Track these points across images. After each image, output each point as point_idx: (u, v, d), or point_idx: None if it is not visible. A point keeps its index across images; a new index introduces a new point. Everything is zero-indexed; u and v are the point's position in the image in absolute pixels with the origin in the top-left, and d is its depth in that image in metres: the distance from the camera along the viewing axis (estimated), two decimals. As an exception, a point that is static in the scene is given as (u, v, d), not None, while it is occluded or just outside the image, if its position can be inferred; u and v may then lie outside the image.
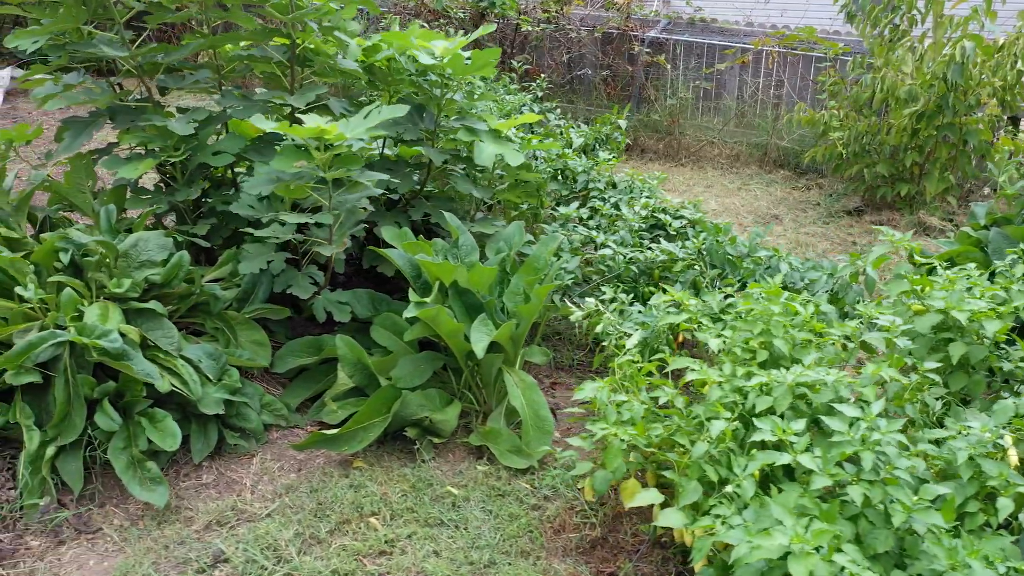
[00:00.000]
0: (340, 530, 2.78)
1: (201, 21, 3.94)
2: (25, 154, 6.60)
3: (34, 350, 2.74)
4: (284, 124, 2.92)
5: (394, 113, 3.15)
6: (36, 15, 3.51)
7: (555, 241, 3.57)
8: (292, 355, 3.47)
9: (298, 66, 3.75)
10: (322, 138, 3.04)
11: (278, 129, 2.92)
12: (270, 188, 3.07)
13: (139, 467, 2.81)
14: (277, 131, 2.97)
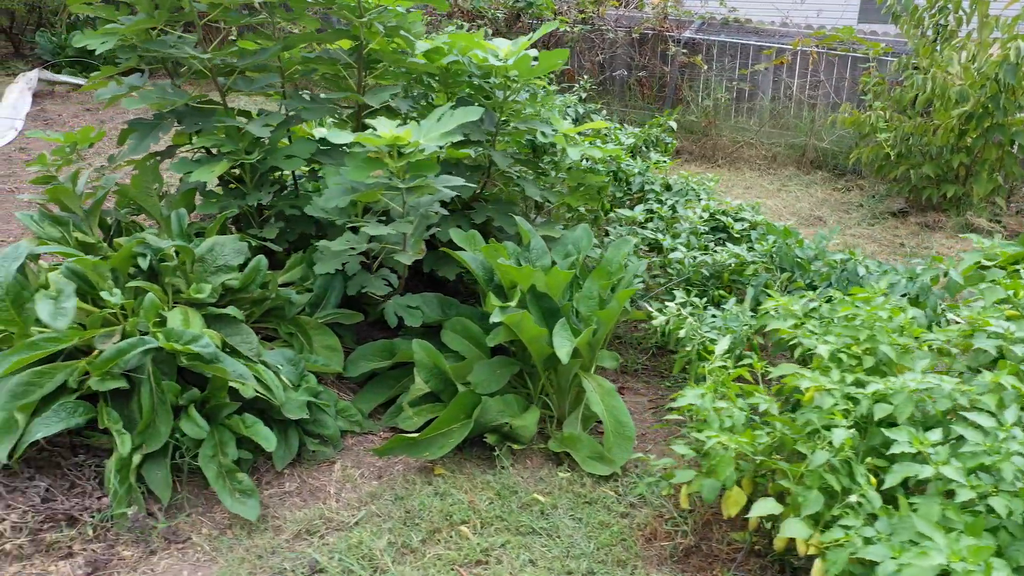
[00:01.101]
0: (432, 539, 2.75)
1: (264, 24, 3.90)
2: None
3: (123, 356, 2.71)
4: (361, 135, 2.87)
5: (468, 116, 3.11)
6: (107, 15, 3.47)
7: (627, 245, 3.53)
8: (364, 360, 3.43)
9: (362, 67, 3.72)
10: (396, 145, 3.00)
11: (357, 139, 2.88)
12: (347, 199, 3.02)
13: (230, 478, 2.77)
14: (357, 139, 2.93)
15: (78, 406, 2.75)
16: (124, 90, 3.67)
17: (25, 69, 9.67)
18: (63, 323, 2.60)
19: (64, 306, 2.64)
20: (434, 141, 2.97)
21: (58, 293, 2.70)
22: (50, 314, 2.62)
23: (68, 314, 2.62)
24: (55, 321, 2.60)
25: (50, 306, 2.64)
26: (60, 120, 7.74)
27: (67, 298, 2.66)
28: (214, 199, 3.45)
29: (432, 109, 3.95)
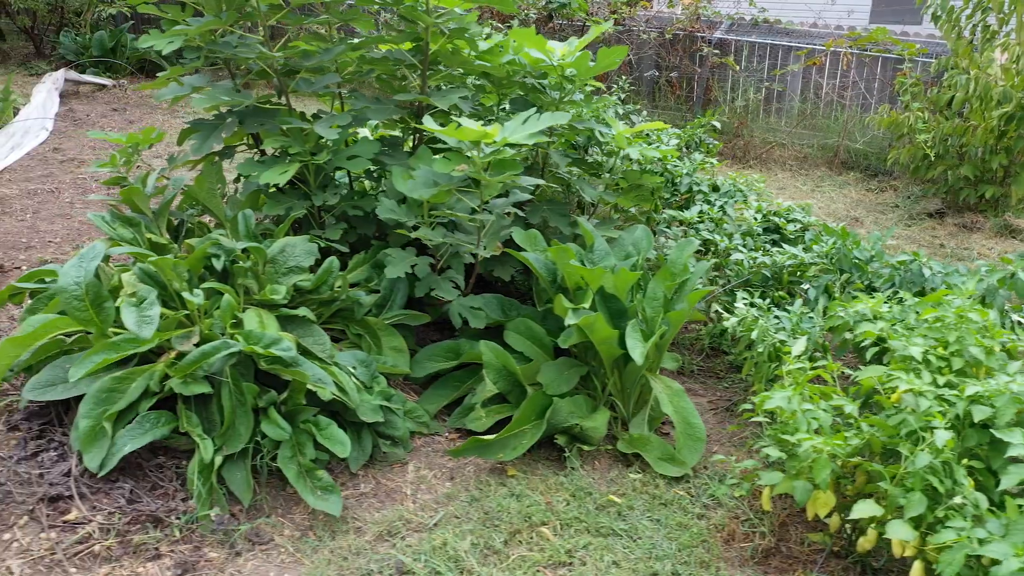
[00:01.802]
0: (513, 540, 2.75)
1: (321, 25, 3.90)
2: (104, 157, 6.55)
3: (207, 359, 2.71)
4: (452, 127, 2.88)
5: (556, 120, 3.11)
6: (173, 16, 3.47)
7: (691, 246, 3.53)
8: (429, 360, 3.43)
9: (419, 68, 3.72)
10: (481, 142, 3.01)
11: (444, 132, 2.88)
12: (430, 192, 3.03)
13: (310, 476, 2.77)
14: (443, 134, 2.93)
15: (160, 416, 2.76)
16: (186, 91, 3.67)
17: (47, 69, 9.67)
18: (148, 331, 2.60)
19: (149, 314, 2.64)
20: (522, 140, 2.97)
21: (140, 300, 2.70)
22: (136, 322, 2.62)
23: (153, 322, 2.62)
24: (141, 329, 2.60)
25: (135, 314, 2.64)
26: (89, 120, 7.75)
27: (151, 305, 2.66)
28: (279, 200, 3.44)
29: (488, 111, 3.96)
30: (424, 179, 3.09)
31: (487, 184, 3.05)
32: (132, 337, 2.71)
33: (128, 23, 9.91)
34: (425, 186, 3.07)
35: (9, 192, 5.52)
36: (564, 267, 3.32)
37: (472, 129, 2.95)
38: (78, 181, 5.85)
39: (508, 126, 3.16)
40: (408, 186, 3.06)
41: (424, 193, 3.03)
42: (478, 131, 2.95)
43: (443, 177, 3.08)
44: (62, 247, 4.64)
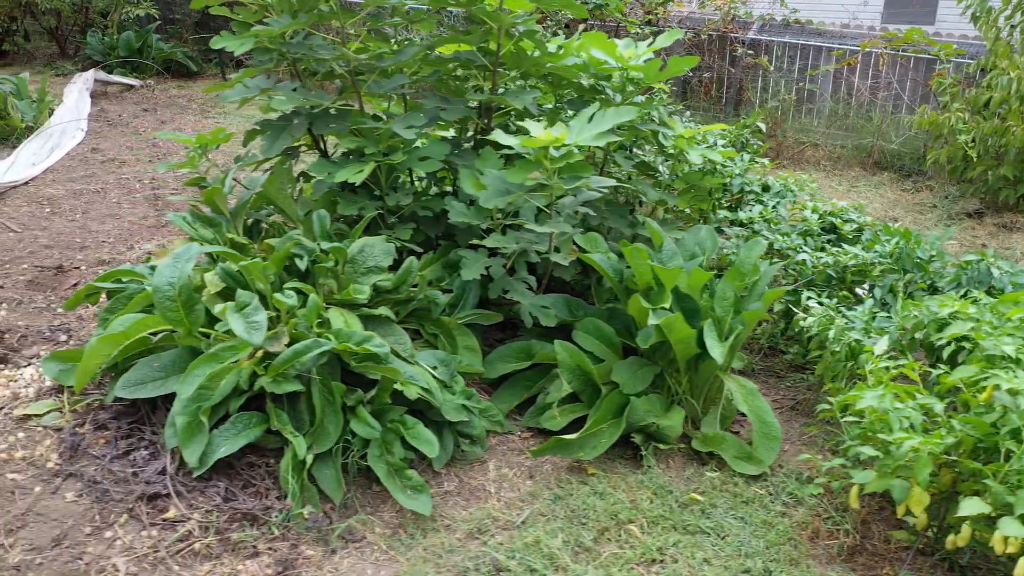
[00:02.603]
0: (603, 538, 2.77)
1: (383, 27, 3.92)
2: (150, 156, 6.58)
3: (300, 358, 2.73)
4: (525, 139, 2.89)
5: (620, 117, 3.13)
6: (246, 18, 3.49)
7: (759, 246, 3.55)
8: (502, 360, 3.45)
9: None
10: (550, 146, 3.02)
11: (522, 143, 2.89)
12: (503, 201, 3.05)
13: (399, 475, 2.79)
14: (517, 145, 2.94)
15: (252, 416, 2.78)
16: (252, 92, 3.69)
17: (73, 69, 9.71)
18: (258, 337, 2.62)
19: (256, 319, 2.66)
20: (590, 141, 2.99)
21: (243, 305, 2.72)
22: (244, 328, 2.64)
23: (261, 328, 2.64)
24: (250, 336, 2.62)
25: (242, 320, 2.67)
26: (122, 121, 7.77)
27: (256, 311, 2.68)
28: (352, 200, 3.46)
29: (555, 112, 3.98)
30: (496, 188, 3.10)
31: (558, 189, 3.06)
32: (231, 345, 2.73)
33: (154, 24, 9.93)
34: (498, 195, 3.08)
35: (56, 192, 5.54)
36: (637, 267, 3.34)
37: (542, 137, 2.97)
38: (122, 181, 5.87)
39: (574, 126, 3.18)
40: (482, 197, 3.07)
41: (498, 202, 3.05)
42: (548, 138, 2.97)
43: (515, 186, 3.10)
44: (116, 247, 4.67)
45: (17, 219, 5.02)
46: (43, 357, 3.18)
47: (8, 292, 4.02)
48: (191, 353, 2.94)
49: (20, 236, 4.74)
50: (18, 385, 3.23)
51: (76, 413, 3.06)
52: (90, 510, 2.60)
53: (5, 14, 9.63)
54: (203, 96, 9.03)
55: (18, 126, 6.60)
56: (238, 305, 2.72)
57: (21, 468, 2.77)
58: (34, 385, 3.23)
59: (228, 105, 8.63)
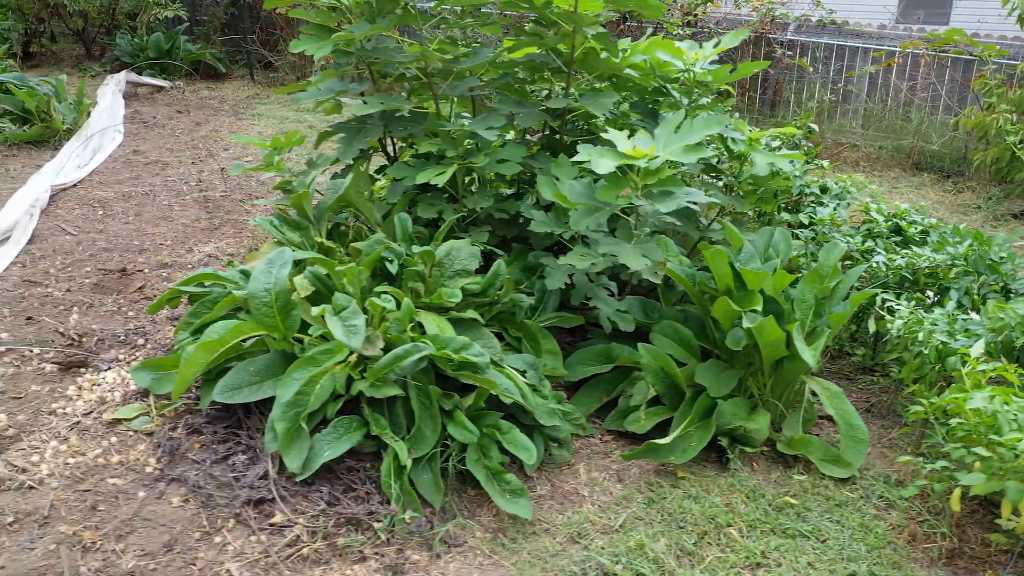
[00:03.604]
0: (703, 542, 2.76)
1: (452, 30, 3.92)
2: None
3: (399, 363, 2.72)
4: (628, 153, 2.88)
5: (709, 127, 3.12)
6: (322, 21, 3.48)
7: (838, 249, 3.54)
8: (582, 363, 3.45)
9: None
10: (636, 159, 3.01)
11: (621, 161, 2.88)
12: (595, 221, 3.04)
13: (497, 479, 2.79)
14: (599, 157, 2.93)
15: (352, 421, 2.78)
16: (326, 95, 3.69)
17: (100, 71, 9.70)
18: (357, 341, 2.62)
19: (355, 323, 2.66)
20: (680, 156, 2.98)
21: (340, 308, 2.71)
22: (344, 333, 2.64)
23: (360, 332, 2.64)
24: (350, 340, 2.62)
25: (340, 324, 2.66)
26: (158, 122, 7.76)
27: (355, 315, 2.68)
28: (431, 203, 3.46)
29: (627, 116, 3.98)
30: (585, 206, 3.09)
31: (650, 205, 3.05)
32: (327, 349, 2.73)
33: (183, 25, 9.93)
34: (587, 213, 3.07)
35: (105, 195, 5.54)
36: (718, 270, 3.34)
37: (631, 152, 2.96)
38: (168, 183, 5.87)
39: (660, 137, 3.17)
40: (573, 218, 3.05)
41: (589, 223, 3.03)
42: (637, 153, 2.96)
43: (604, 204, 3.08)
44: (174, 249, 4.66)
45: (72, 222, 5.01)
46: (132, 365, 3.18)
47: (76, 295, 4.02)
48: (284, 358, 2.94)
49: (78, 239, 4.74)
50: (103, 389, 3.23)
51: (165, 417, 3.05)
52: (197, 515, 2.60)
53: (33, 16, 9.62)
54: (234, 97, 9.03)
55: (59, 128, 6.59)
56: (335, 308, 2.72)
57: (120, 473, 2.77)
58: (119, 389, 3.23)
59: (261, 107, 8.62)
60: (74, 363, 3.37)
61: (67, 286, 4.12)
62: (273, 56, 9.75)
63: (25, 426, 2.98)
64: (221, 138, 7.29)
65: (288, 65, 9.48)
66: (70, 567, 2.37)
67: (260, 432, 2.89)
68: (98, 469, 2.78)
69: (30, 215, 4.88)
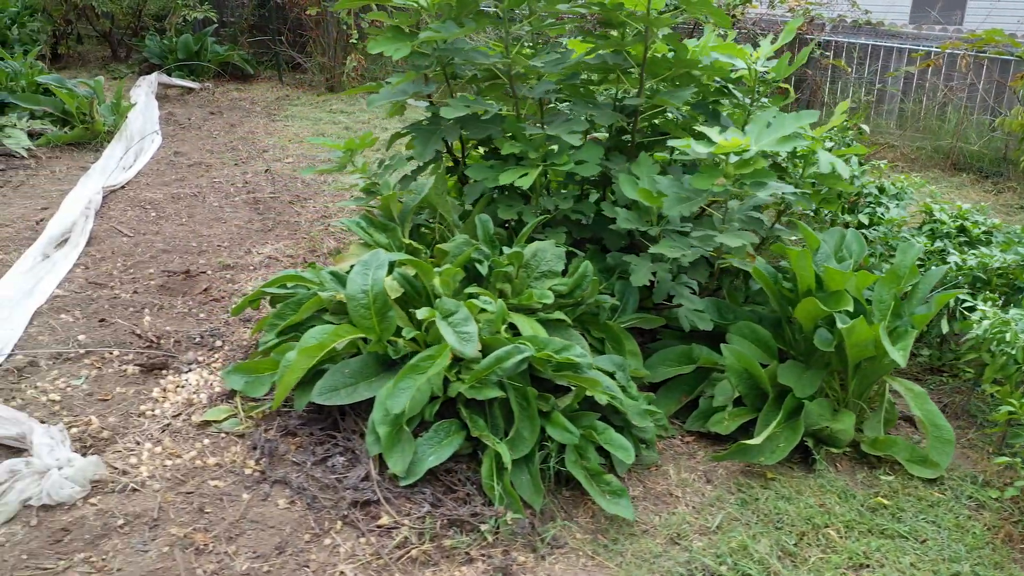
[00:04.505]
0: (803, 542, 2.76)
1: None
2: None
3: (501, 364, 2.73)
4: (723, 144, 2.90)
5: (801, 120, 3.13)
6: (400, 22, 3.49)
7: (915, 250, 3.54)
8: (663, 364, 3.45)
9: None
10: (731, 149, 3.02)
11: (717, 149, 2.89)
12: (688, 208, 3.05)
13: (598, 480, 2.79)
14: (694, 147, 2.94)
15: (451, 424, 2.79)
16: (399, 96, 3.68)
17: (127, 72, 9.71)
18: (471, 349, 2.62)
19: (467, 330, 2.67)
20: (774, 147, 2.99)
21: (448, 313, 2.72)
22: (456, 340, 2.65)
23: (474, 339, 2.64)
24: (464, 347, 2.63)
25: (452, 331, 2.66)
26: (192, 124, 7.77)
27: (466, 321, 2.68)
28: (511, 204, 3.46)
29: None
30: (676, 194, 3.10)
31: (736, 194, 3.06)
32: (429, 355, 2.73)
33: (212, 27, 9.93)
34: (679, 202, 3.08)
35: (155, 196, 5.54)
36: (800, 270, 3.34)
37: (726, 143, 2.98)
38: (215, 185, 5.87)
39: (751, 132, 3.18)
40: (666, 204, 3.07)
41: (682, 210, 3.04)
42: (733, 144, 2.97)
43: (697, 192, 3.10)
44: (233, 251, 4.66)
45: (127, 223, 5.02)
46: (225, 368, 3.18)
47: (144, 297, 4.02)
48: (376, 360, 2.94)
49: (135, 240, 4.74)
50: (187, 391, 3.24)
51: (253, 419, 3.06)
52: (304, 517, 2.60)
53: (61, 17, 9.63)
54: (264, 99, 9.03)
55: (101, 130, 6.60)
56: (443, 312, 2.72)
57: (220, 475, 2.77)
58: (203, 391, 3.24)
59: (292, 108, 8.63)
60: (156, 365, 3.37)
61: (133, 288, 4.12)
62: (302, 58, 9.75)
63: (118, 428, 2.99)
64: (258, 139, 7.30)
65: (317, 66, 9.48)
66: (186, 569, 2.37)
67: (356, 434, 2.89)
68: (197, 471, 2.78)
69: (86, 216, 4.88)
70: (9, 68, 7.09)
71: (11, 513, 2.51)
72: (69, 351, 3.46)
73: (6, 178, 5.69)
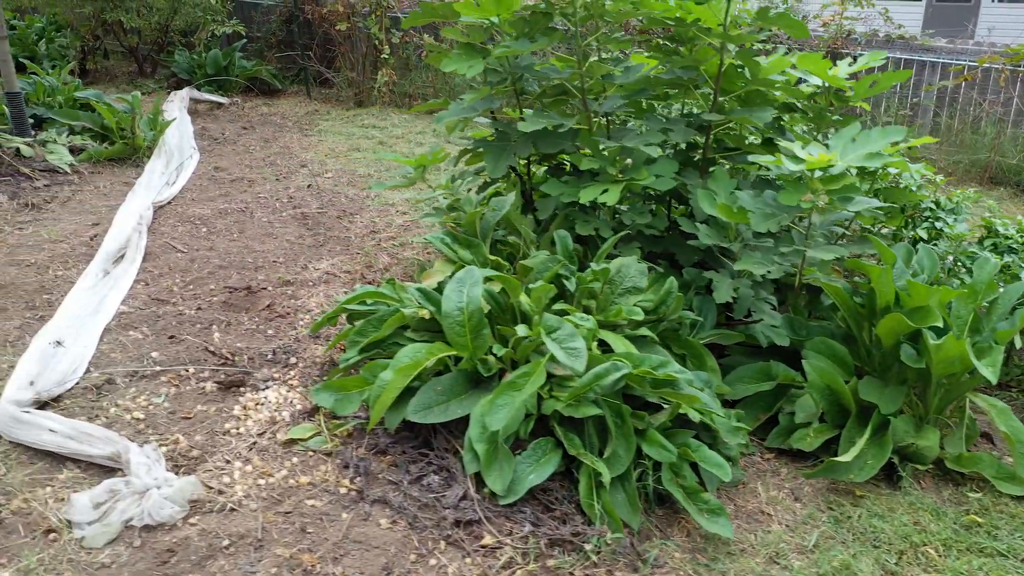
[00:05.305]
0: (904, 561, 2.74)
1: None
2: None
3: (599, 381, 2.71)
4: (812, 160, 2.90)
5: (888, 137, 3.13)
6: (473, 39, 3.49)
7: (991, 265, 3.54)
8: (741, 381, 3.43)
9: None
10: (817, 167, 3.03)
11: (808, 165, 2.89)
12: (775, 223, 3.04)
13: (695, 498, 2.77)
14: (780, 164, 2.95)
15: (547, 443, 2.77)
16: (470, 113, 3.69)
17: (155, 88, 9.74)
18: (581, 364, 2.61)
19: (575, 346, 2.65)
20: (862, 162, 2.99)
21: (552, 330, 2.70)
22: (566, 356, 2.64)
23: (582, 354, 2.63)
24: (573, 362, 2.61)
25: (559, 347, 2.65)
26: (227, 139, 7.78)
27: (572, 337, 2.67)
28: (587, 220, 3.45)
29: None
30: (762, 210, 3.10)
31: (825, 209, 3.06)
32: (524, 372, 2.72)
33: (241, 42, 9.97)
34: (766, 217, 3.08)
35: (203, 212, 5.54)
36: (880, 286, 3.33)
37: (814, 159, 2.98)
38: (260, 200, 5.87)
39: (835, 145, 3.19)
40: (753, 220, 3.06)
41: (770, 225, 3.04)
42: (821, 160, 2.97)
43: (784, 208, 3.09)
44: (289, 267, 4.65)
45: (179, 239, 5.01)
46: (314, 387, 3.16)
47: (208, 313, 4.01)
48: (466, 378, 2.93)
49: (190, 256, 4.74)
50: (268, 409, 3.22)
51: (339, 437, 3.04)
52: (407, 537, 2.58)
53: (89, 33, 9.66)
54: (294, 114, 9.05)
55: (142, 145, 6.61)
56: (547, 329, 2.71)
57: (315, 494, 2.75)
58: (285, 409, 3.22)
59: (323, 123, 8.64)
60: (233, 383, 3.36)
61: (196, 304, 4.11)
62: (330, 73, 9.78)
63: (205, 447, 2.97)
64: (295, 154, 7.30)
65: (345, 81, 9.51)
66: (296, 591, 2.34)
67: (449, 452, 2.87)
68: (292, 490, 2.76)
69: (139, 232, 4.88)
70: (47, 83, 7.11)
71: (114, 534, 2.49)
72: (144, 368, 3.44)
73: (52, 193, 5.69)
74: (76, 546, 2.46)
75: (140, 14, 9.36)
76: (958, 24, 16.16)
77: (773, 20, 3.60)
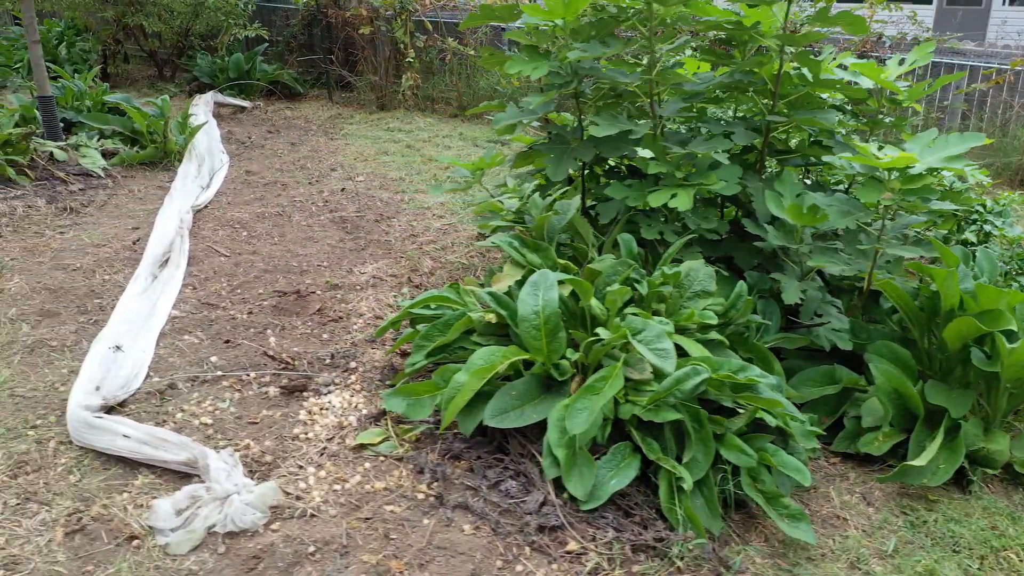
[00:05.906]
0: (986, 565, 2.72)
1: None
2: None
3: (680, 386, 2.69)
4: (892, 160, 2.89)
5: (967, 142, 3.11)
6: (537, 42, 3.48)
7: (1052, 267, 3.52)
8: (806, 385, 3.41)
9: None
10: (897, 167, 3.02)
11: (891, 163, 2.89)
12: (852, 221, 3.03)
13: (775, 503, 2.75)
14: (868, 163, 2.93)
15: (625, 447, 2.75)
16: (530, 116, 3.67)
17: (176, 91, 9.73)
18: (670, 365, 2.60)
19: (663, 347, 2.64)
20: (942, 164, 2.98)
21: (636, 330, 2.69)
22: (656, 357, 2.62)
23: (671, 356, 2.61)
24: (663, 363, 2.60)
25: (647, 348, 2.64)
26: (254, 142, 7.77)
27: (660, 338, 2.65)
28: (652, 224, 3.44)
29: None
30: (840, 209, 3.09)
31: (909, 208, 3.05)
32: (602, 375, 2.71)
33: (263, 46, 9.96)
34: (843, 215, 3.07)
35: (241, 216, 5.52)
36: (946, 290, 3.31)
37: (894, 159, 2.97)
38: (296, 204, 5.86)
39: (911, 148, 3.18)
40: (832, 217, 3.06)
41: (849, 222, 3.03)
42: (902, 160, 2.96)
43: (860, 206, 3.08)
44: (334, 271, 4.64)
45: (221, 243, 5.00)
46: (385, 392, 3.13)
47: (260, 318, 3.99)
48: (539, 382, 2.92)
49: (234, 260, 4.72)
50: (334, 413, 3.20)
51: (408, 442, 3.02)
52: (492, 543, 2.55)
53: (110, 37, 9.66)
54: (317, 117, 9.04)
55: (174, 149, 6.59)
56: (632, 331, 2.69)
57: (393, 499, 2.73)
58: (351, 413, 3.20)
59: (348, 126, 8.63)
60: (296, 387, 3.34)
61: (247, 308, 4.09)
62: (352, 76, 9.78)
63: (277, 452, 2.95)
64: (323, 158, 7.29)
65: (367, 85, 9.50)
66: (386, 598, 2.32)
67: (525, 457, 2.85)
68: (369, 496, 2.74)
69: (181, 236, 4.86)
70: (75, 87, 7.10)
71: (197, 540, 2.47)
72: (204, 373, 3.42)
73: (89, 198, 5.68)
74: (160, 553, 2.44)
75: (161, 18, 9.36)
76: (969, 27, 16.18)
77: (834, 20, 3.59)
